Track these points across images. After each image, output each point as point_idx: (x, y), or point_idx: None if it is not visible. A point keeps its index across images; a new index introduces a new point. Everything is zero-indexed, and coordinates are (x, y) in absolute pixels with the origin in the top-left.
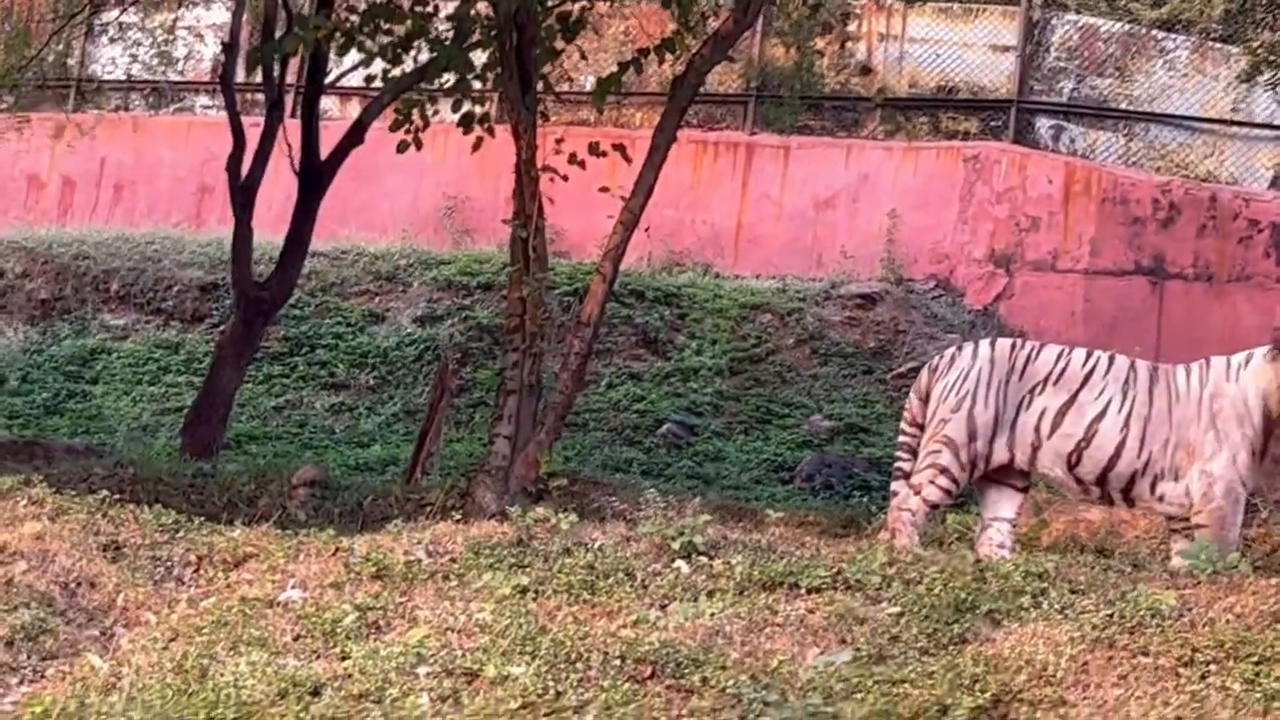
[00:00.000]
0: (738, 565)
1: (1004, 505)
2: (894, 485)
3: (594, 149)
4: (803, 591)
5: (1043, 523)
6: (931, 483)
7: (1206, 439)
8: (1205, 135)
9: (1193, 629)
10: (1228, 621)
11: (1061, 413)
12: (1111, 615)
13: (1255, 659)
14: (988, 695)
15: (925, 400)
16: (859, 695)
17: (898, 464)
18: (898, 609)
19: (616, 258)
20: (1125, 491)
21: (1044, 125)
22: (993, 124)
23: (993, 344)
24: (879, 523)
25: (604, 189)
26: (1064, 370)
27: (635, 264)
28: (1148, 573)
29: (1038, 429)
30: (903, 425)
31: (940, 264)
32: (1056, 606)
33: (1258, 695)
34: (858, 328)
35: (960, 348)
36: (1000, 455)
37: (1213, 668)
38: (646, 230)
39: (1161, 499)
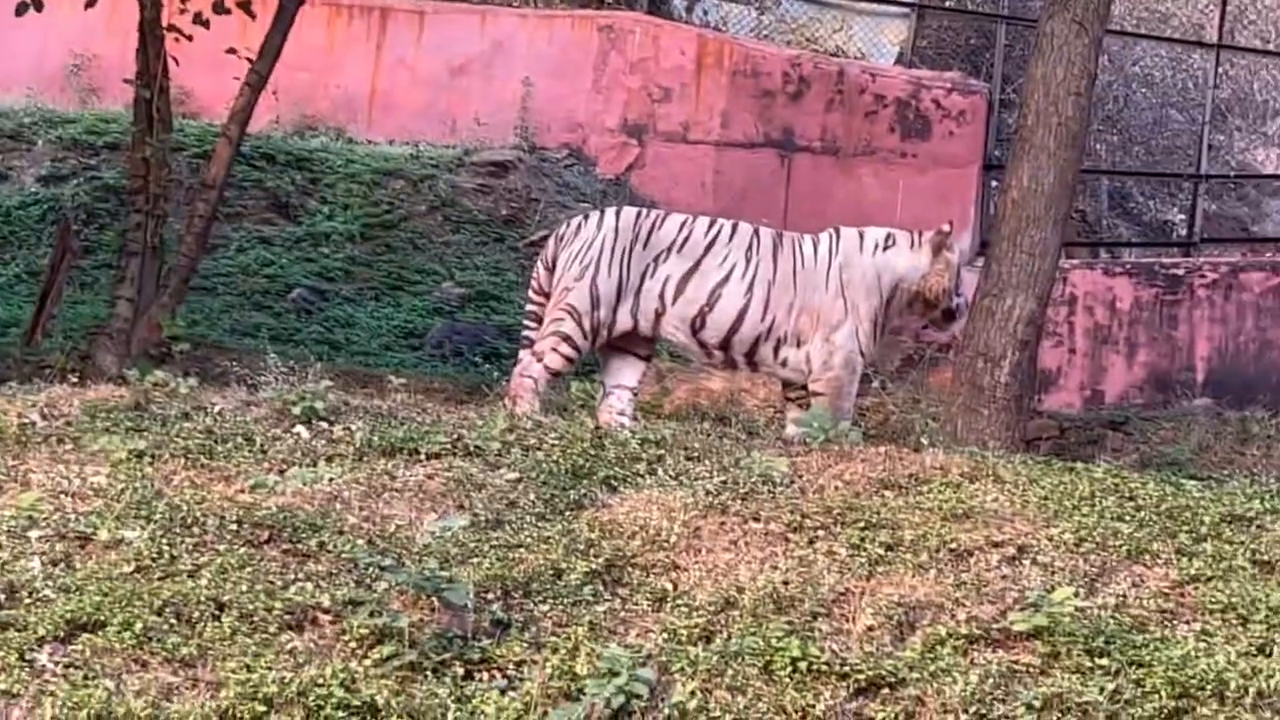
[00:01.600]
0: (358, 431)
1: (626, 373)
2: (521, 354)
3: (218, 7)
4: (422, 457)
5: (664, 390)
6: (554, 350)
7: (834, 307)
8: (835, 10)
9: (803, 495)
10: (837, 488)
11: (685, 279)
12: (725, 482)
13: (862, 524)
14: (602, 560)
15: (551, 269)
16: (475, 560)
17: (525, 333)
18: (516, 475)
19: (243, 120)
20: (749, 356)
21: None
22: None
23: (618, 213)
24: (500, 390)
25: (231, 50)
26: (688, 238)
27: (267, 127)
28: (762, 440)
29: (661, 296)
30: (530, 294)
31: (574, 133)
32: (672, 473)
33: (862, 559)
34: (490, 195)
35: (586, 216)
36: (624, 323)
37: (821, 533)
38: (274, 93)
39: (784, 363)
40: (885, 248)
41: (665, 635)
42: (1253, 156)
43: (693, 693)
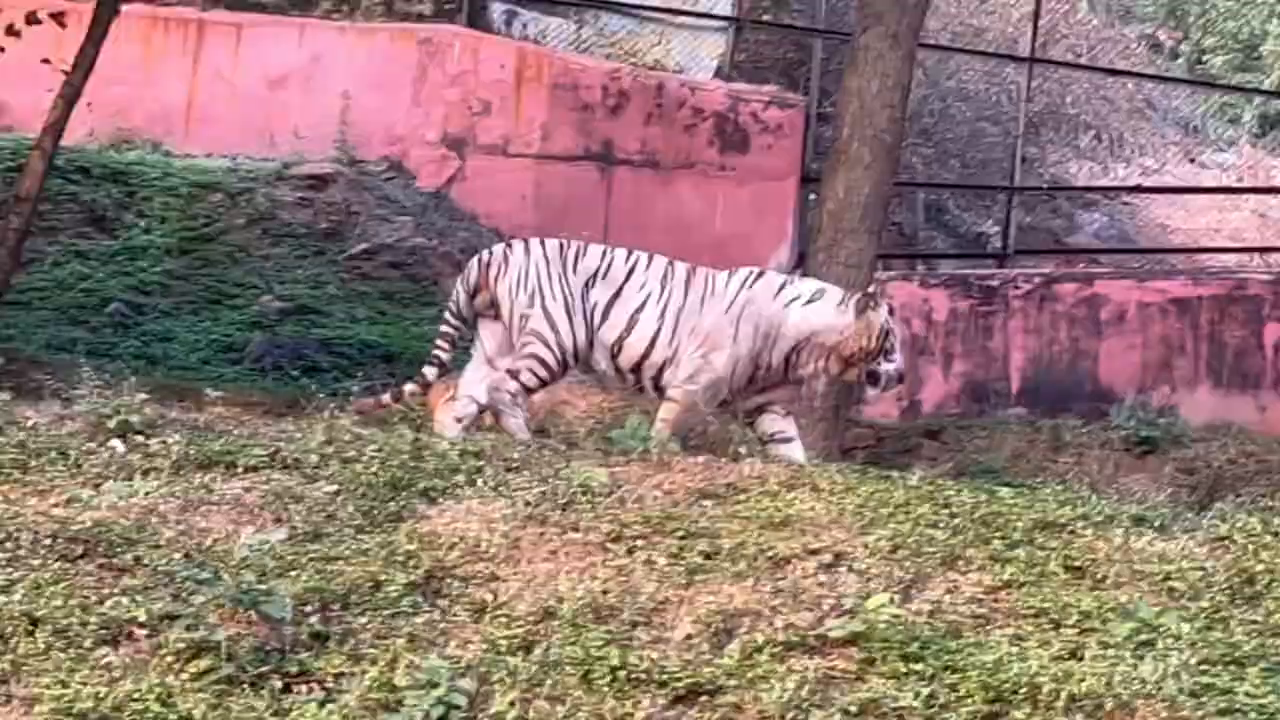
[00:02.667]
0: (174, 444)
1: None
2: (426, 369)
3: (31, 18)
4: (240, 470)
5: None
6: (530, 371)
7: (724, 334)
8: (653, 24)
9: (622, 505)
10: (656, 498)
11: (609, 306)
12: (544, 492)
13: (681, 534)
14: (421, 571)
15: (472, 295)
16: (293, 573)
17: (436, 351)
18: (334, 487)
19: (57, 133)
20: (655, 380)
21: (497, 10)
22: (447, 7)
23: (542, 243)
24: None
25: (45, 61)
26: (609, 266)
27: (82, 140)
28: (582, 451)
29: (589, 321)
30: (446, 315)
31: (393, 146)
32: (491, 484)
33: (681, 568)
34: (310, 208)
35: (510, 245)
36: (581, 337)
37: (640, 542)
38: (89, 106)
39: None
40: (808, 301)
41: (485, 646)
42: (1065, 169)
43: (512, 703)
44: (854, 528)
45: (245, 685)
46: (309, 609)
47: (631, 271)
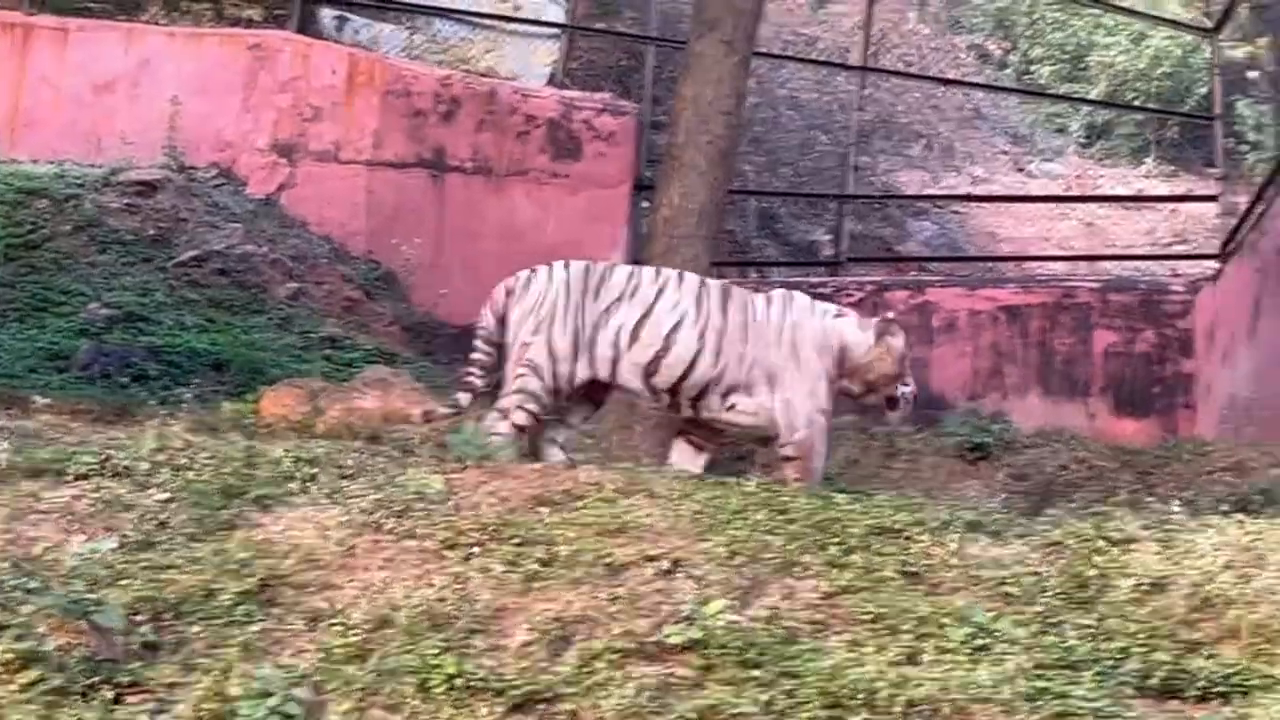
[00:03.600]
0: (1, 452)
1: (572, 411)
2: (459, 396)
3: None
4: (69, 478)
5: (317, 410)
6: (520, 408)
7: (788, 369)
8: (486, 31)
9: (458, 512)
10: (492, 505)
11: (639, 326)
12: (380, 500)
13: (517, 541)
14: (255, 580)
15: (501, 321)
16: (124, 582)
17: (468, 376)
18: (166, 495)
19: None
20: (695, 400)
21: (328, 16)
22: (277, 13)
23: (566, 267)
24: (149, 411)
25: None
26: (636, 287)
27: None
28: (417, 458)
29: (615, 344)
30: (476, 342)
31: (223, 152)
32: (326, 491)
33: (518, 575)
34: (138, 215)
35: (535, 271)
36: (583, 373)
37: (476, 550)
38: None
39: (732, 408)
40: (836, 316)
41: (320, 654)
42: (896, 178)
43: (347, 712)
44: (691, 534)
45: (76, 696)
46: (141, 618)
47: (662, 291)
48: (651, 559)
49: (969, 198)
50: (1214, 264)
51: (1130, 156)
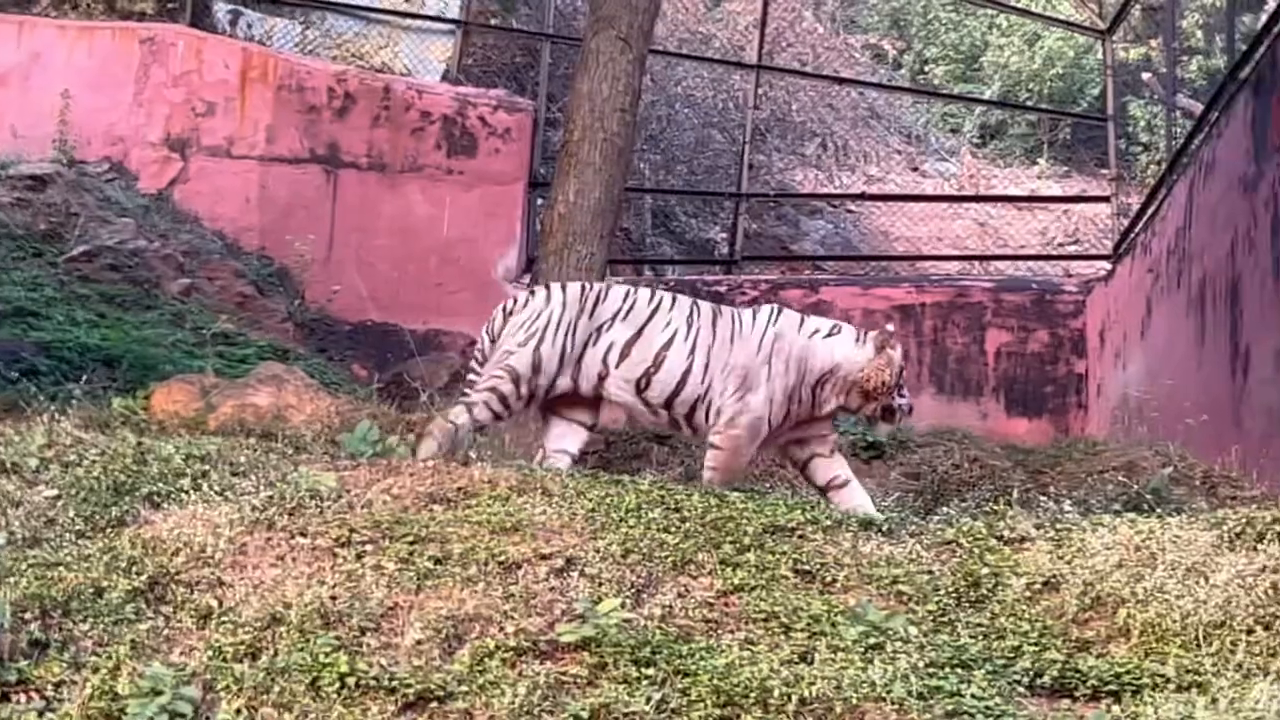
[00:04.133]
0: None
1: (569, 439)
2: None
3: None
4: None
5: (209, 406)
6: (485, 404)
7: (758, 373)
8: (381, 26)
9: (351, 510)
10: (385, 503)
11: (630, 344)
12: (272, 497)
13: (410, 539)
14: (144, 577)
15: (496, 340)
16: (12, 579)
17: (464, 397)
18: (55, 491)
19: None
20: (688, 417)
21: (221, 10)
22: (170, 6)
23: (564, 288)
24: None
25: None
26: (631, 307)
27: None
28: (309, 455)
29: (605, 360)
30: (472, 364)
31: (114, 146)
32: (217, 488)
33: (411, 573)
34: (28, 209)
35: (533, 291)
36: (564, 385)
37: (369, 547)
38: None
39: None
40: (827, 335)
41: (210, 652)
42: (791, 177)
43: (238, 710)
44: (585, 532)
45: None
46: (28, 616)
47: (655, 311)
48: (545, 557)
49: (863, 196)
50: (1106, 264)
51: (1024, 157)
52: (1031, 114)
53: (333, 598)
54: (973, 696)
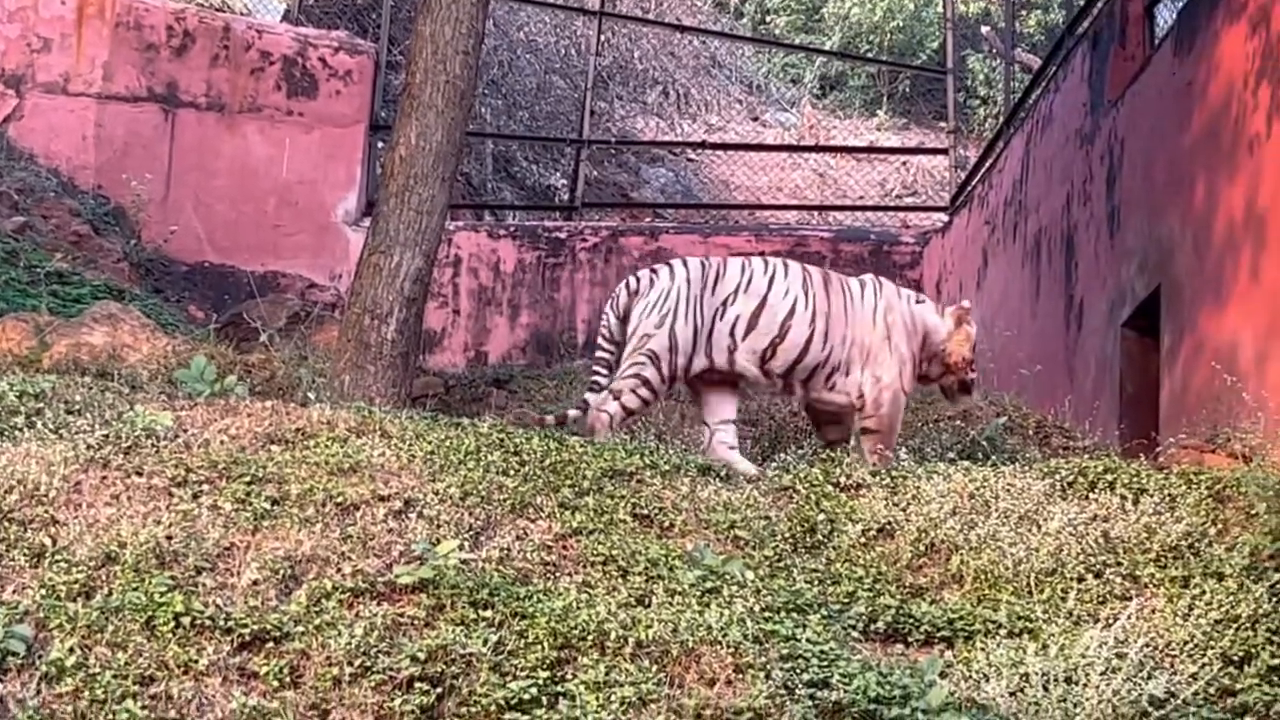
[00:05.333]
0: None
1: (724, 407)
2: (587, 395)
3: None
4: None
5: (44, 344)
6: (633, 391)
7: (882, 347)
8: None
9: (188, 450)
10: (222, 443)
11: (755, 315)
12: (107, 436)
13: (248, 479)
14: None
15: (623, 319)
16: None
17: (594, 377)
18: None
19: None
20: (806, 381)
21: None
22: None
23: (685, 264)
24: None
25: None
26: (750, 280)
27: None
28: (146, 395)
29: (732, 334)
30: (599, 341)
31: None
32: (51, 426)
33: (248, 514)
34: None
35: (656, 270)
36: (699, 364)
37: (206, 487)
38: None
39: (833, 388)
40: (917, 302)
41: (43, 591)
42: (633, 124)
43: (71, 649)
44: (424, 474)
45: None
46: None
47: (772, 280)
48: (384, 499)
49: (704, 145)
50: (944, 216)
51: (863, 109)
52: (871, 66)
53: (168, 537)
54: (808, 641)
